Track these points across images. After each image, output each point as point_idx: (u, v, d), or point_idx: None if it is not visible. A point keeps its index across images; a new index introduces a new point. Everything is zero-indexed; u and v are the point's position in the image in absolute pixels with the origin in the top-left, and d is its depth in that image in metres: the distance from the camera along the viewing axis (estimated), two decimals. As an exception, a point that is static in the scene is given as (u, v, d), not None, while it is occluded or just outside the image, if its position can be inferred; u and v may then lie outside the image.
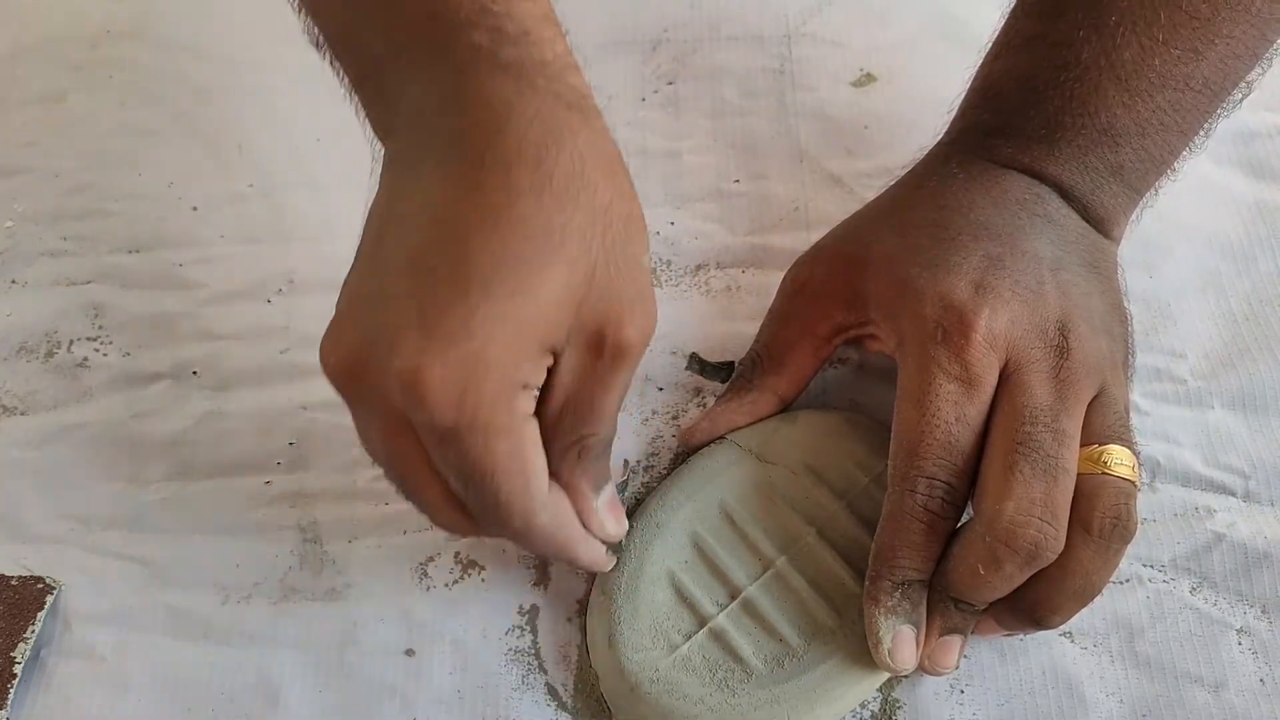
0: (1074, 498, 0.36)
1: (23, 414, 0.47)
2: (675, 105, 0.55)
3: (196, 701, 0.40)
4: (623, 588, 0.39)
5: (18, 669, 0.39)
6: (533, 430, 0.33)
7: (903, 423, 0.38)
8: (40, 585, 0.41)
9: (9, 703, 0.39)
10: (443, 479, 0.34)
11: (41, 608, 0.41)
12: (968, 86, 0.44)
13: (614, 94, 0.56)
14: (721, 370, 0.47)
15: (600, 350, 0.33)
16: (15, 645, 0.40)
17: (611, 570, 0.40)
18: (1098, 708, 0.39)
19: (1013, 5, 0.43)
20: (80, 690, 0.40)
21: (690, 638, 0.39)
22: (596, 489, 0.37)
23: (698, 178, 0.53)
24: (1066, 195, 0.42)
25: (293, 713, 0.40)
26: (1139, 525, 0.37)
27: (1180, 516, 0.43)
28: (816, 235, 0.45)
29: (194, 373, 0.47)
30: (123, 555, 0.43)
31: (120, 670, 0.41)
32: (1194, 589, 0.41)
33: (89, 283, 0.50)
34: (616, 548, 0.39)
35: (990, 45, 0.44)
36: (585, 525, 0.37)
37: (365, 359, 0.32)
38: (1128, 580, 0.41)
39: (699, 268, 0.50)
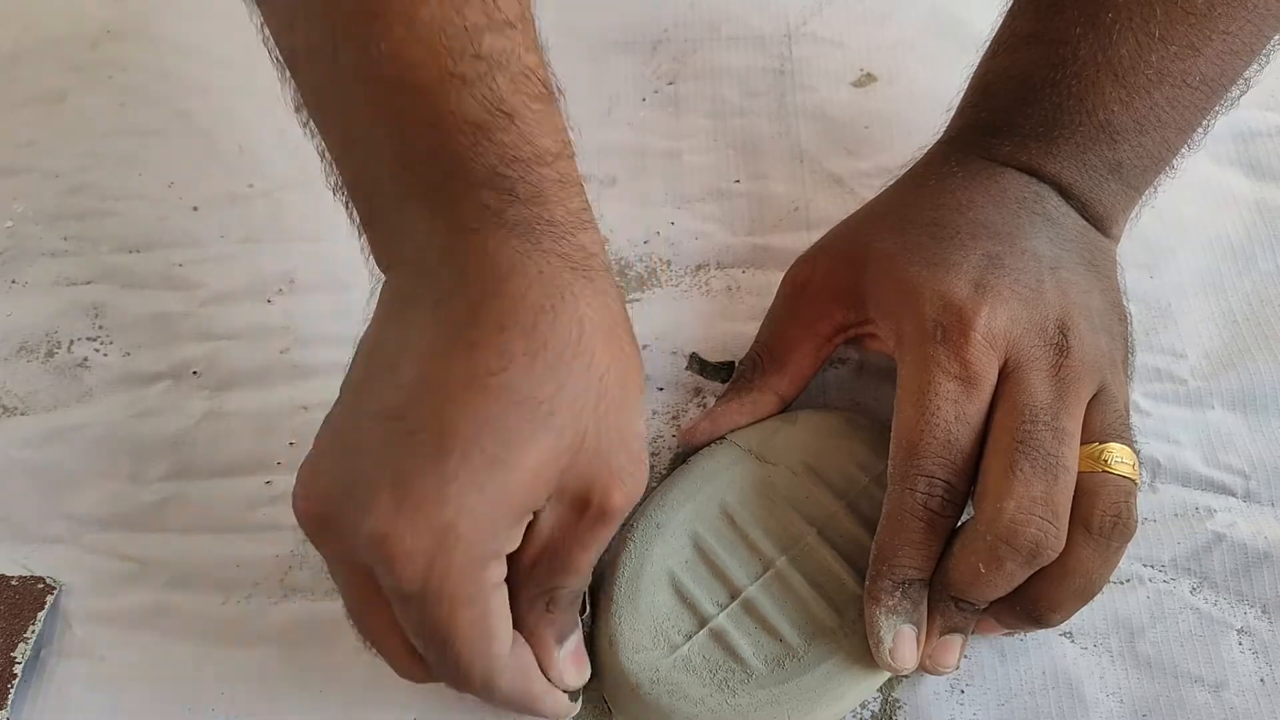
0: (1074, 496, 0.36)
1: (23, 414, 0.47)
2: (675, 105, 0.55)
3: (197, 702, 0.40)
4: (623, 588, 0.39)
5: (18, 669, 0.39)
6: (500, 597, 0.33)
7: (902, 421, 0.38)
8: (40, 585, 0.41)
9: (9, 703, 0.39)
10: (403, 632, 0.33)
11: (41, 608, 0.41)
12: (966, 85, 0.44)
13: (614, 94, 0.56)
14: (721, 370, 0.47)
15: (584, 511, 0.33)
16: (15, 645, 0.40)
17: (611, 570, 0.40)
18: (1098, 708, 0.39)
19: (1010, 4, 0.43)
20: (80, 690, 0.40)
21: (690, 638, 0.39)
22: (561, 640, 0.36)
23: (698, 178, 0.53)
24: (1065, 193, 0.42)
25: (293, 713, 0.40)
26: (1139, 524, 0.37)
27: (1180, 516, 0.43)
28: (816, 235, 0.45)
29: (194, 373, 0.47)
30: (123, 555, 0.43)
31: (120, 670, 0.40)
32: (1194, 589, 0.41)
33: (89, 283, 0.50)
34: (576, 694, 0.38)
35: (988, 44, 0.44)
36: (546, 674, 0.36)
37: (337, 512, 0.32)
38: (1128, 580, 0.41)
39: (699, 268, 0.50)
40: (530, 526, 0.33)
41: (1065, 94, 0.40)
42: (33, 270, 0.51)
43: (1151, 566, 0.42)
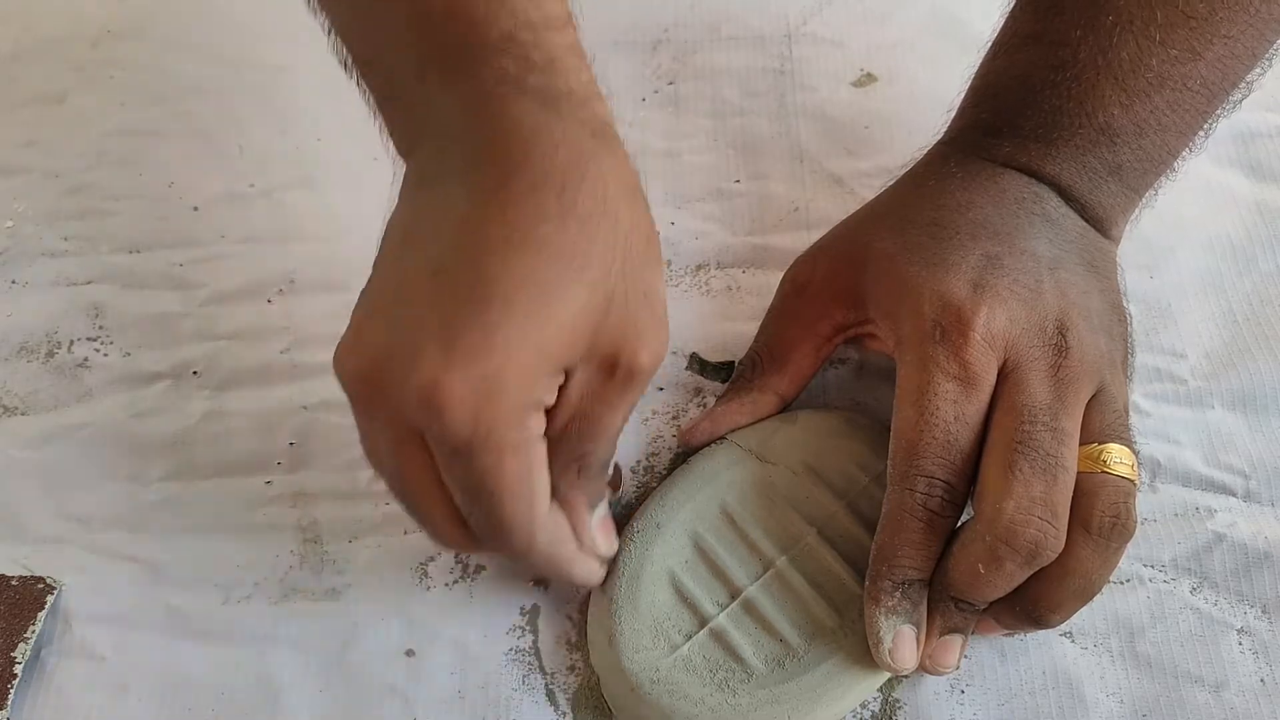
0: (1073, 496, 0.36)
1: (23, 414, 0.47)
2: (675, 105, 0.56)
3: (196, 701, 0.40)
4: (623, 588, 0.39)
5: (18, 669, 0.39)
6: (541, 450, 0.34)
7: (902, 422, 0.38)
8: (40, 585, 0.41)
9: (9, 703, 0.39)
10: (448, 494, 0.34)
11: (42, 608, 0.41)
12: (967, 86, 0.44)
13: (614, 94, 0.55)
14: (721, 370, 0.47)
15: (612, 372, 0.34)
16: (15, 645, 0.40)
17: (611, 570, 0.40)
18: (1098, 708, 0.39)
19: (1011, 5, 0.43)
20: (80, 690, 0.40)
21: (691, 638, 0.39)
22: (592, 506, 0.37)
23: (698, 178, 0.53)
24: (1065, 194, 0.42)
25: (293, 713, 0.40)
26: (1139, 524, 0.37)
27: (1180, 516, 0.43)
28: (816, 235, 0.45)
29: (194, 373, 0.47)
30: (123, 555, 0.43)
31: (120, 670, 0.40)
32: (1194, 589, 0.41)
33: (89, 283, 0.50)
34: (609, 562, 0.40)
35: (989, 45, 0.44)
36: (578, 539, 0.37)
37: (384, 368, 0.32)
38: (1128, 580, 0.41)
39: (699, 268, 0.50)
40: (561, 392, 0.34)
41: (1065, 96, 0.40)
42: (33, 270, 0.51)
43: (1152, 566, 0.42)
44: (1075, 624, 0.40)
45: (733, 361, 0.47)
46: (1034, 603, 0.37)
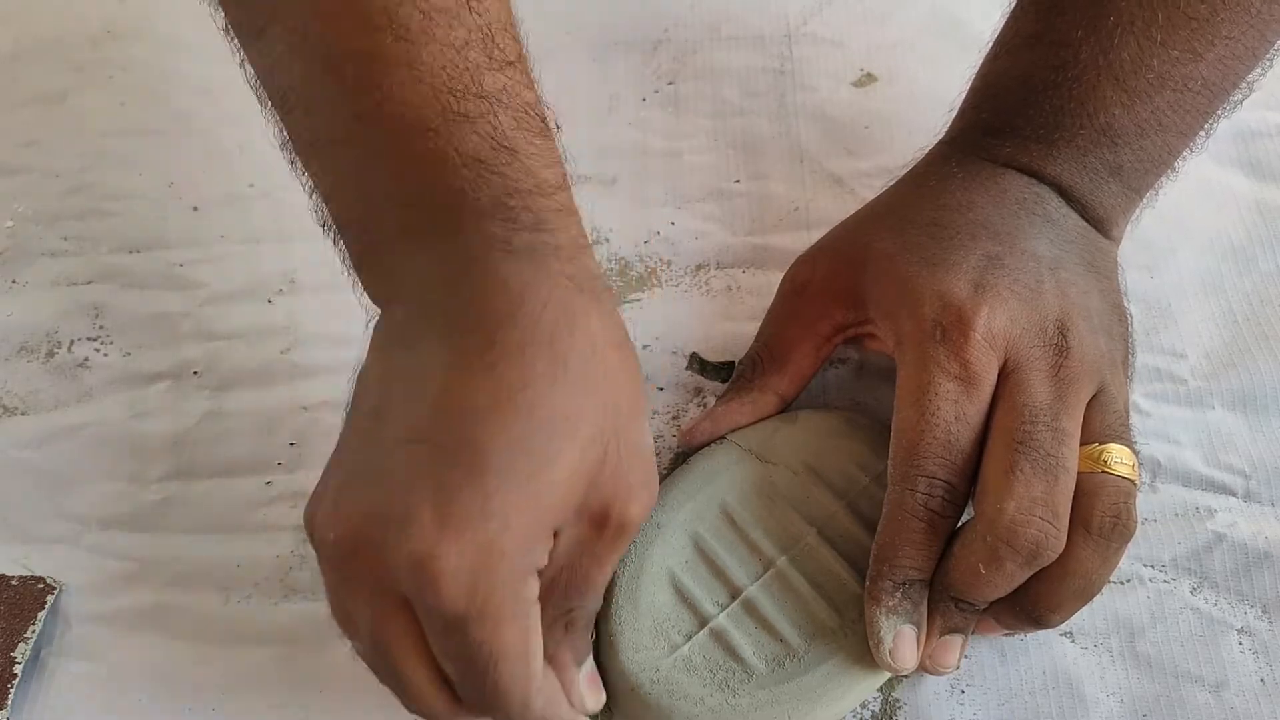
0: (1074, 496, 0.36)
1: (23, 414, 0.47)
2: (676, 105, 0.55)
3: (196, 701, 0.40)
4: (623, 588, 0.39)
5: (18, 669, 0.39)
6: (536, 614, 0.32)
7: (902, 422, 0.38)
8: (40, 585, 0.41)
9: (9, 703, 0.39)
10: (433, 661, 0.32)
11: (42, 608, 0.41)
12: (967, 86, 0.44)
13: (614, 94, 0.56)
14: (722, 370, 0.47)
15: (603, 527, 0.33)
16: (15, 645, 0.40)
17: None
18: (1098, 708, 0.39)
19: (1013, 5, 0.43)
20: (80, 690, 0.40)
21: (691, 638, 0.39)
22: (579, 662, 0.36)
23: (698, 178, 0.53)
24: (1066, 195, 0.42)
25: (294, 713, 0.40)
26: (1139, 524, 0.37)
27: (1181, 516, 0.43)
28: (817, 235, 0.45)
29: (194, 373, 0.47)
30: (123, 555, 0.43)
31: (120, 670, 0.40)
32: (1194, 589, 0.41)
33: (89, 283, 0.50)
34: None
35: (990, 45, 0.44)
36: (567, 697, 0.36)
37: (372, 538, 0.31)
38: (1128, 580, 0.41)
39: (699, 267, 0.50)
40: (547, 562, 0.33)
41: (1066, 97, 0.40)
42: (33, 270, 0.51)
43: (1152, 566, 0.42)
44: (1075, 624, 0.40)
45: (733, 362, 0.47)
46: (1034, 603, 0.37)
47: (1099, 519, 0.36)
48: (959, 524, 0.38)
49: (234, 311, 0.49)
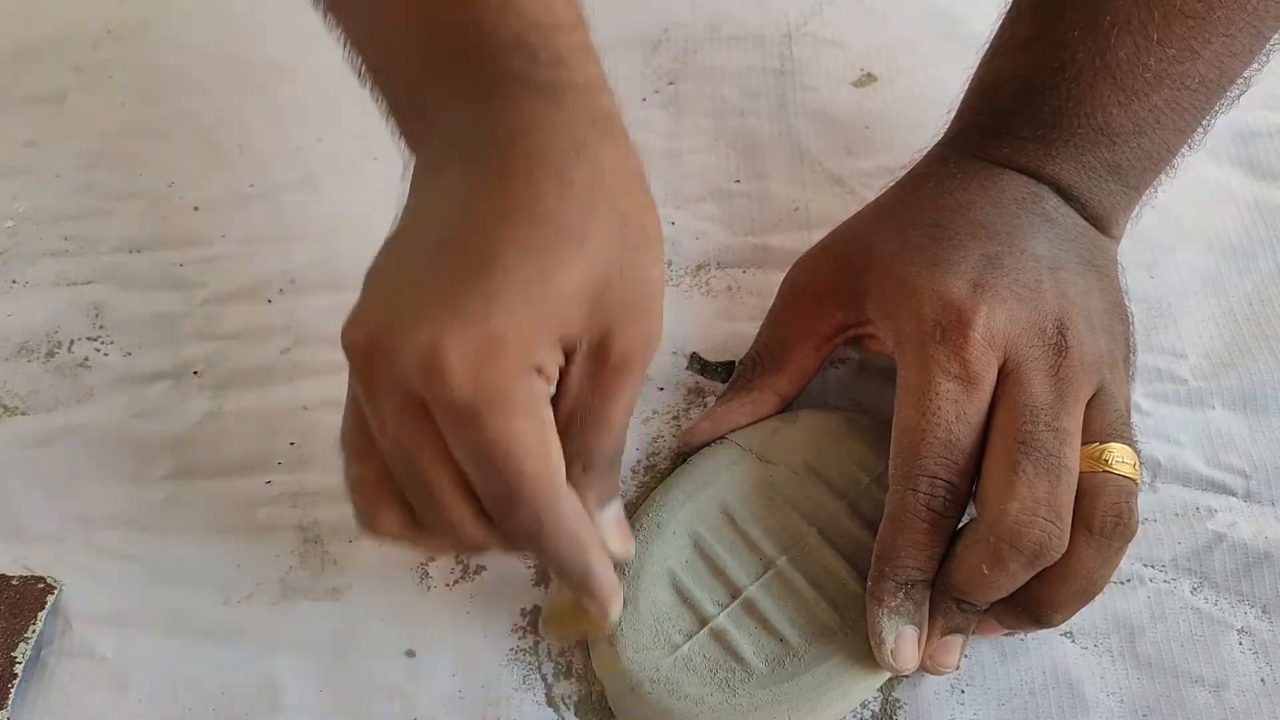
0: (1075, 496, 0.36)
1: (23, 414, 0.47)
2: (676, 105, 0.56)
3: (196, 701, 0.40)
4: (623, 587, 0.39)
5: (18, 669, 0.39)
6: (549, 416, 0.33)
7: (903, 422, 0.38)
8: (41, 585, 0.41)
9: (9, 703, 0.39)
10: (459, 472, 0.33)
11: (42, 607, 0.41)
12: (965, 88, 0.45)
13: (614, 94, 0.56)
14: (722, 370, 0.47)
15: (606, 359, 0.34)
16: (16, 645, 0.40)
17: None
18: (1098, 707, 0.39)
19: (1009, 7, 0.43)
20: (80, 690, 0.40)
21: (691, 637, 0.39)
22: (602, 504, 0.36)
23: (698, 178, 0.53)
24: (1065, 194, 0.42)
25: (293, 713, 0.40)
26: (1140, 524, 0.37)
27: (1181, 516, 0.43)
28: (817, 235, 0.45)
29: (195, 373, 0.47)
30: (123, 555, 0.43)
31: (120, 670, 0.40)
32: (1195, 589, 0.41)
33: (90, 283, 0.50)
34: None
35: (986, 47, 0.44)
36: None
37: (385, 336, 0.32)
38: (1128, 580, 0.41)
39: (699, 267, 0.50)
40: (561, 384, 0.34)
41: (1064, 97, 0.40)
42: (33, 270, 0.51)
43: (1152, 566, 0.42)
44: (1075, 624, 0.40)
45: (733, 361, 0.47)
46: (1036, 603, 0.37)
47: (1100, 518, 0.36)
48: (960, 524, 0.38)
49: (234, 311, 0.49)
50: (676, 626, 0.39)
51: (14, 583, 0.41)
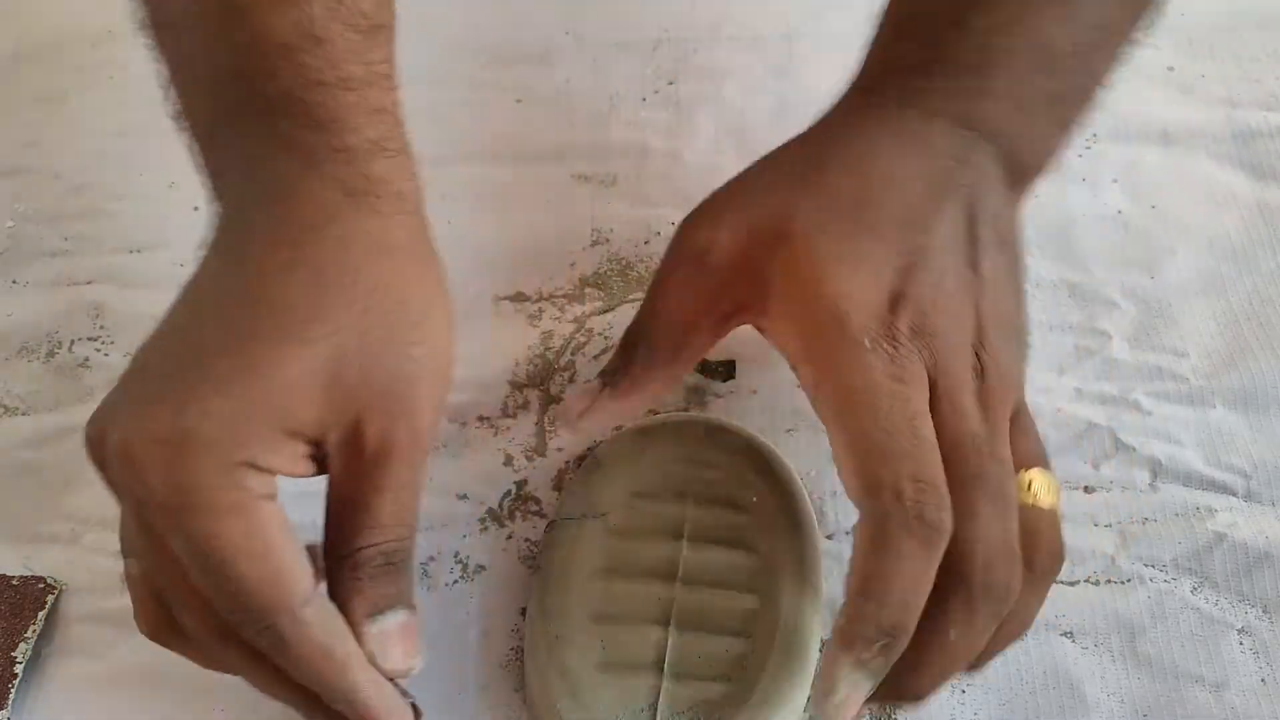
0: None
1: (24, 414, 0.47)
2: (676, 105, 0.55)
3: (196, 701, 0.40)
4: (565, 707, 0.37)
5: (18, 669, 0.39)
6: (273, 513, 0.30)
7: (852, 432, 0.33)
8: (41, 585, 0.41)
9: (9, 702, 0.39)
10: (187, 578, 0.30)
11: (42, 608, 0.41)
12: (879, 20, 0.39)
13: (614, 94, 0.56)
14: (722, 369, 0.47)
15: (360, 448, 0.31)
16: (16, 645, 0.40)
17: (545, 700, 0.38)
18: (1099, 707, 0.39)
19: None
20: (81, 690, 0.40)
21: (654, 706, 0.37)
22: (373, 614, 0.32)
23: (698, 177, 0.53)
24: (996, 140, 0.36)
25: (293, 713, 0.39)
26: (1140, 524, 0.36)
27: (1181, 516, 0.43)
28: (817, 235, 0.45)
29: (194, 373, 0.47)
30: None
31: (120, 670, 0.40)
32: (1195, 589, 0.41)
33: (90, 283, 0.50)
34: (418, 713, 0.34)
35: None
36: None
37: (98, 433, 0.31)
38: (1129, 580, 0.41)
39: (699, 267, 0.50)
40: (327, 487, 0.32)
41: (999, 13, 0.36)
42: (33, 270, 0.51)
43: (1152, 566, 0.42)
44: (1076, 624, 0.40)
45: (733, 361, 0.46)
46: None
47: (1041, 559, 0.33)
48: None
49: (234, 311, 0.49)
50: (636, 705, 0.37)
51: (14, 583, 0.41)
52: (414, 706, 0.33)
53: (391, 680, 0.33)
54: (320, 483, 0.33)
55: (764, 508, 0.40)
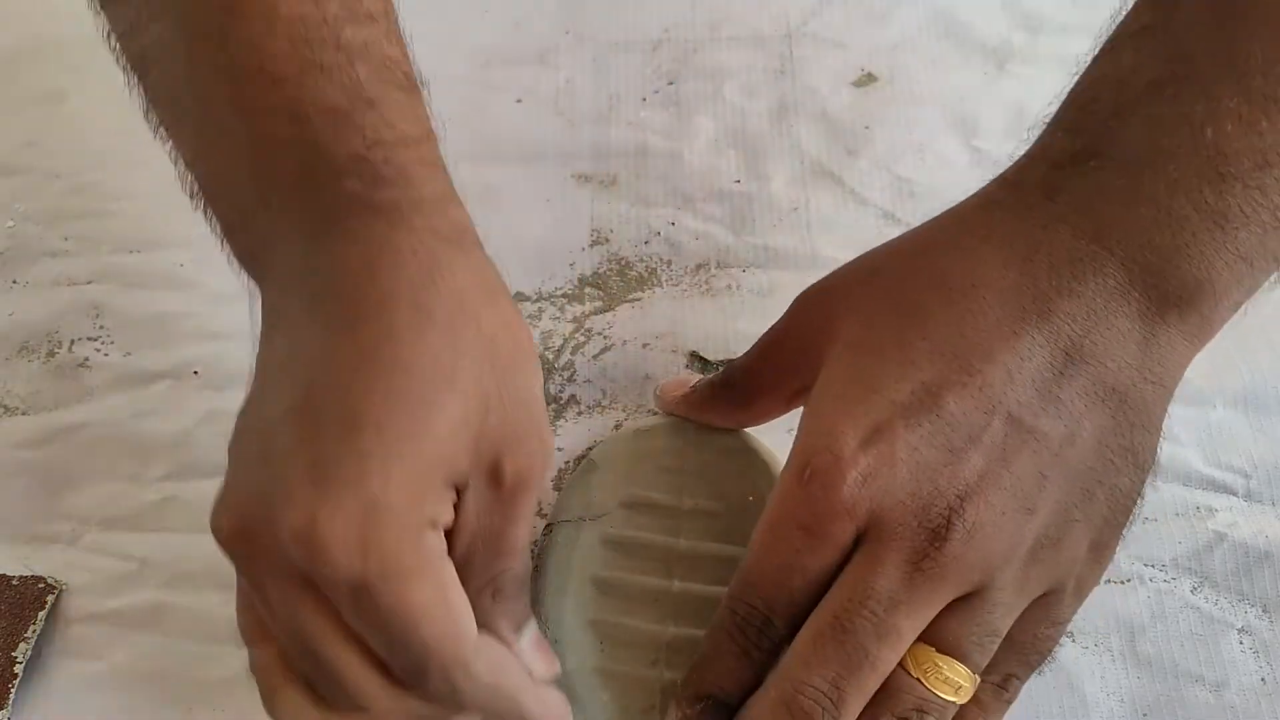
0: (881, 688, 0.33)
1: (24, 414, 0.47)
2: (676, 105, 0.56)
3: (197, 702, 0.40)
4: (576, 698, 0.38)
5: (19, 669, 0.39)
6: (449, 571, 0.31)
7: (752, 544, 0.35)
8: (41, 585, 0.41)
9: (10, 702, 0.39)
10: (363, 644, 0.30)
11: (42, 607, 0.41)
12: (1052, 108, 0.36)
13: (614, 94, 0.56)
14: (721, 369, 0.47)
15: (500, 482, 0.32)
16: (16, 645, 0.40)
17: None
18: (1099, 707, 0.39)
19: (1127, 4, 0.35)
20: (80, 690, 0.40)
21: (654, 707, 0.37)
22: (517, 630, 0.34)
23: (698, 178, 0.53)
24: (1133, 257, 0.32)
25: (293, 712, 0.40)
26: (1140, 523, 0.36)
27: (1181, 516, 0.43)
28: (817, 235, 0.45)
29: (195, 372, 0.47)
30: (123, 555, 0.43)
31: (120, 670, 0.40)
32: (1195, 588, 0.41)
33: (90, 283, 0.50)
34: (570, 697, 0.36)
35: (1092, 51, 0.35)
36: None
37: (258, 519, 0.30)
38: (1129, 580, 0.41)
39: (699, 267, 0.50)
40: (457, 516, 0.32)
41: (1169, 100, 0.31)
42: (33, 270, 0.51)
43: (1152, 566, 0.42)
44: (1076, 624, 0.40)
45: (733, 360, 0.47)
46: None
47: (884, 716, 0.33)
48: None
49: (234, 311, 0.49)
50: (635, 708, 0.37)
51: (14, 583, 0.41)
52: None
53: None
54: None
55: (760, 508, 0.40)
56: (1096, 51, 0.35)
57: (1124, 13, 0.35)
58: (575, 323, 0.48)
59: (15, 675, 0.39)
